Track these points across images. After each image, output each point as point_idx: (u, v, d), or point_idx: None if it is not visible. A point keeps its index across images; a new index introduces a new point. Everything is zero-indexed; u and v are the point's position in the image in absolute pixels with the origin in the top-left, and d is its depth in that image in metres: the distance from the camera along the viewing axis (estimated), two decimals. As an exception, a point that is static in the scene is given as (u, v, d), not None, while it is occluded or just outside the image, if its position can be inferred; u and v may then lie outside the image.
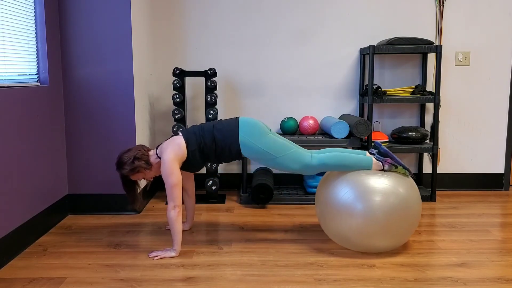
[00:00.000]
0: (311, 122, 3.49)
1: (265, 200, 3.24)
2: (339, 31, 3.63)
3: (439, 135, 3.73)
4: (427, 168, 3.76)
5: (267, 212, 3.20)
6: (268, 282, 2.11)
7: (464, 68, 3.67)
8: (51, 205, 2.84)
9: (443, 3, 3.58)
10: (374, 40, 3.64)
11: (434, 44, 3.35)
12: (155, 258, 2.37)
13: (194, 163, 2.50)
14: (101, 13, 2.96)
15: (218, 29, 3.63)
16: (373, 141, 3.41)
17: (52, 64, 2.87)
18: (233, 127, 2.46)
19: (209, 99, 3.31)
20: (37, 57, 2.80)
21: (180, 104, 3.35)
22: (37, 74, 2.80)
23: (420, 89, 3.44)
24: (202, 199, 3.45)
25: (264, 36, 3.64)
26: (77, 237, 2.69)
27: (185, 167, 2.52)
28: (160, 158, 2.47)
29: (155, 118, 3.72)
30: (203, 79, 3.69)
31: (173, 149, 2.41)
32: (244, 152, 2.46)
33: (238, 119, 2.50)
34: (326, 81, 3.68)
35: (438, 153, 3.61)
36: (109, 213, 3.12)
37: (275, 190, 3.56)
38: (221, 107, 3.71)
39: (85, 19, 2.96)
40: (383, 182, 2.32)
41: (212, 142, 2.46)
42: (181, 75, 3.37)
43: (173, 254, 2.39)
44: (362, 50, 3.60)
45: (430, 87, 3.68)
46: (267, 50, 3.65)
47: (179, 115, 3.32)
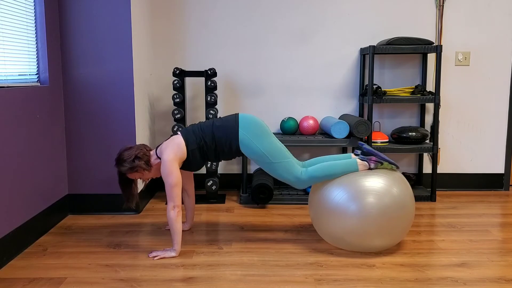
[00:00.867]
0: (311, 122, 3.49)
1: (265, 200, 3.24)
2: (339, 31, 3.63)
3: (439, 135, 3.73)
4: (427, 168, 3.76)
5: (267, 212, 3.20)
6: (268, 282, 2.11)
7: (464, 68, 3.67)
8: (51, 205, 2.84)
9: (443, 3, 3.58)
10: (374, 40, 3.64)
11: (434, 44, 3.35)
12: (155, 258, 2.37)
13: (194, 162, 2.50)
14: (101, 13, 2.96)
15: (218, 29, 3.63)
16: (373, 141, 3.41)
17: (52, 64, 2.87)
18: (232, 123, 2.46)
19: (209, 99, 3.31)
20: (37, 57, 2.80)
21: (180, 104, 3.35)
22: (37, 74, 2.80)
23: (420, 89, 3.44)
24: (202, 199, 3.45)
25: (264, 36, 3.64)
26: (77, 237, 2.69)
27: (185, 167, 2.52)
28: (160, 158, 2.47)
29: (155, 118, 3.72)
30: (203, 79, 3.69)
31: (173, 149, 2.41)
32: (243, 150, 2.46)
33: (237, 115, 2.50)
34: (326, 81, 3.68)
35: (438, 153, 3.61)
36: (109, 213, 3.12)
37: (275, 190, 3.56)
38: (221, 107, 3.71)
39: (85, 19, 2.96)
40: (377, 182, 2.33)
41: (211, 140, 2.46)
42: (181, 75, 3.37)
43: (173, 254, 2.39)
44: (362, 50, 3.60)
45: (430, 87, 3.68)
46: (267, 50, 3.65)
47: (179, 115, 3.32)
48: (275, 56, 3.66)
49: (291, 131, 3.52)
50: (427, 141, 3.58)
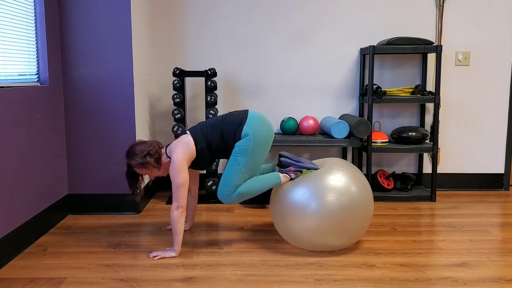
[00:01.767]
0: (311, 122, 3.49)
1: (265, 200, 3.24)
2: (339, 31, 3.63)
3: (439, 135, 3.73)
4: (427, 168, 3.76)
5: (267, 212, 3.20)
6: (268, 282, 2.11)
7: (464, 68, 3.67)
8: (51, 205, 2.84)
9: (443, 3, 3.58)
10: (374, 40, 3.64)
11: (434, 44, 3.35)
12: (155, 258, 2.37)
13: (203, 160, 2.50)
14: (101, 13, 2.96)
15: (218, 29, 3.63)
16: (373, 141, 3.41)
17: (52, 64, 2.87)
18: (241, 119, 2.46)
19: (209, 99, 3.31)
20: (37, 57, 2.80)
21: (180, 104, 3.35)
22: (37, 74, 2.80)
23: (420, 89, 3.44)
24: (202, 199, 3.45)
25: (264, 36, 3.64)
26: (77, 237, 2.69)
27: (194, 165, 2.52)
28: (169, 158, 2.46)
29: (155, 118, 3.72)
30: (203, 79, 3.69)
31: (182, 149, 2.41)
32: (238, 142, 2.45)
33: (247, 111, 2.51)
34: (326, 81, 3.68)
35: (438, 153, 3.61)
36: (109, 213, 3.12)
37: (275, 190, 3.56)
38: (221, 107, 3.71)
39: (85, 19, 2.96)
40: (338, 180, 2.35)
41: (220, 137, 2.46)
42: (181, 75, 3.37)
43: (173, 254, 2.39)
44: (362, 50, 3.60)
45: (430, 87, 3.68)
46: (267, 50, 3.65)
47: (179, 115, 3.32)
48: (275, 56, 3.66)
49: (291, 131, 3.52)
50: (427, 141, 3.58)
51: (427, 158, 3.77)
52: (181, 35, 3.64)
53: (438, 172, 3.74)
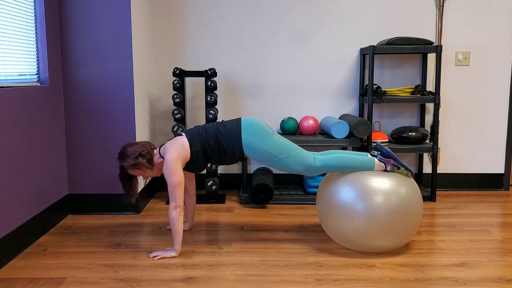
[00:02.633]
0: (311, 122, 3.49)
1: (265, 200, 3.24)
2: (339, 31, 3.63)
3: (439, 135, 3.73)
4: (427, 168, 3.76)
5: (267, 212, 3.20)
6: (268, 282, 2.11)
7: (464, 68, 3.67)
8: (51, 205, 2.84)
9: (443, 3, 3.58)
10: (374, 40, 3.64)
11: (434, 44, 3.35)
12: (155, 258, 2.37)
13: (197, 163, 2.50)
14: (101, 13, 2.96)
15: (218, 29, 3.63)
16: (373, 141, 3.41)
17: (52, 64, 2.87)
18: (235, 128, 2.46)
19: (209, 99, 3.31)
20: (37, 57, 2.80)
21: (180, 104, 3.35)
22: (37, 74, 2.80)
23: (420, 89, 3.44)
24: (202, 199, 3.45)
25: (264, 36, 3.64)
26: (77, 237, 2.69)
27: (188, 168, 2.52)
28: (163, 158, 2.46)
29: (155, 118, 3.72)
30: (203, 79, 3.69)
31: (176, 149, 2.41)
32: (247, 152, 2.46)
33: (240, 120, 2.50)
34: (326, 81, 3.68)
35: (438, 153, 3.61)
36: (109, 213, 3.12)
37: (275, 190, 3.56)
38: (221, 107, 3.71)
39: (85, 19, 2.96)
40: (385, 182, 2.32)
41: (215, 143, 2.46)
42: (181, 75, 3.37)
43: (173, 254, 2.39)
44: (362, 50, 3.60)
45: (430, 87, 3.68)
46: (267, 50, 3.65)
47: (179, 115, 3.32)
48: (275, 56, 3.66)
49: (291, 131, 3.52)
50: (427, 141, 3.58)
51: (427, 158, 3.77)
52: (181, 35, 3.64)
53: (438, 172, 3.74)
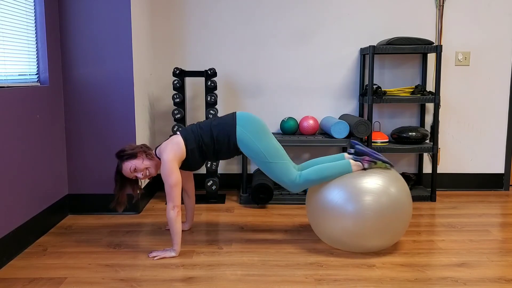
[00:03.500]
0: (311, 122, 3.49)
1: (265, 200, 3.24)
2: (339, 31, 3.63)
3: (439, 135, 3.73)
4: (427, 168, 3.76)
5: (267, 212, 3.20)
6: (268, 282, 2.11)
7: (464, 68, 3.67)
8: (51, 205, 2.84)
9: (443, 3, 3.58)
10: (374, 40, 3.64)
11: (434, 44, 3.35)
12: (155, 258, 2.37)
13: (193, 161, 2.50)
14: (101, 13, 2.96)
15: (218, 29, 3.63)
16: (373, 141, 3.41)
17: (52, 64, 2.87)
18: (230, 121, 2.46)
19: (209, 99, 3.31)
20: (37, 57, 2.80)
21: (180, 104, 3.35)
22: (37, 74, 2.80)
23: (420, 89, 3.44)
24: (202, 199, 3.45)
25: (264, 36, 3.64)
26: (77, 237, 2.69)
27: (184, 166, 2.52)
28: (159, 159, 2.47)
29: (155, 118, 3.72)
30: (203, 79, 3.69)
31: (172, 149, 2.41)
32: (240, 146, 2.46)
33: (235, 113, 2.50)
34: (326, 81, 3.68)
35: (438, 153, 3.61)
36: (109, 213, 3.12)
37: (275, 190, 3.56)
38: (221, 107, 3.71)
39: (85, 19, 2.96)
40: (374, 182, 2.32)
41: (210, 139, 2.46)
42: (181, 75, 3.37)
43: (173, 254, 2.39)
44: (362, 50, 3.60)
45: (430, 87, 3.68)
46: (267, 50, 3.65)
47: (179, 115, 3.32)
48: (275, 56, 3.66)
49: (291, 131, 3.52)
50: (427, 141, 3.58)
51: (427, 158, 3.77)
52: (181, 35, 3.64)
53: (438, 172, 3.74)
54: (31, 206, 2.60)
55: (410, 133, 3.41)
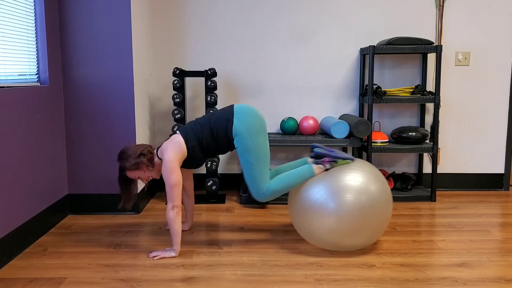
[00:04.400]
0: (311, 122, 3.49)
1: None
2: (339, 31, 3.63)
3: (439, 135, 3.73)
4: (427, 168, 3.76)
5: (267, 212, 3.20)
6: (268, 282, 2.11)
7: (464, 68, 3.67)
8: (51, 205, 2.84)
9: (443, 3, 3.58)
10: (374, 40, 3.64)
11: (434, 44, 3.35)
12: (155, 258, 2.37)
13: (195, 159, 2.50)
14: (101, 13, 2.96)
15: (218, 29, 3.63)
16: (373, 141, 3.41)
17: (52, 64, 2.87)
18: (228, 114, 2.46)
19: (209, 99, 3.31)
20: (37, 57, 2.80)
21: (180, 104, 3.35)
22: (37, 74, 2.80)
23: (420, 89, 3.44)
24: (202, 199, 3.45)
25: (264, 36, 3.64)
26: (77, 237, 2.69)
27: (186, 164, 2.52)
28: (161, 159, 2.46)
29: (155, 118, 3.72)
30: (203, 79, 3.69)
31: (174, 148, 2.41)
32: (234, 138, 2.44)
33: (232, 105, 2.50)
34: (326, 81, 3.68)
35: (438, 153, 3.61)
36: (109, 213, 3.12)
37: (275, 190, 3.56)
38: (221, 107, 3.71)
39: (85, 19, 2.96)
40: (355, 179, 2.33)
41: (209, 133, 2.46)
42: (181, 75, 3.37)
43: (173, 254, 2.39)
44: (362, 50, 3.60)
45: (430, 87, 3.68)
46: (267, 50, 3.65)
47: (179, 115, 3.32)
48: (275, 56, 3.66)
49: (291, 131, 3.52)
50: (427, 141, 3.58)
51: (427, 158, 3.77)
52: (181, 35, 3.64)
53: (438, 172, 3.74)
54: (31, 206, 2.60)
55: (410, 133, 3.41)
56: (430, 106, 3.70)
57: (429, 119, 3.71)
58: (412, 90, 3.45)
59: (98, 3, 2.95)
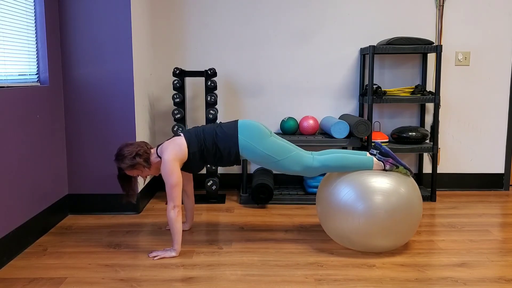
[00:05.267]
0: (311, 122, 3.49)
1: (265, 200, 3.24)
2: (339, 31, 3.63)
3: (439, 135, 3.73)
4: (427, 168, 3.76)
5: (267, 212, 3.20)
6: (268, 282, 2.11)
7: (464, 68, 3.67)
8: (51, 205, 2.84)
9: (443, 3, 3.58)
10: (374, 40, 3.64)
11: (434, 44, 3.35)
12: (155, 258, 2.37)
13: (194, 164, 2.50)
14: (101, 13, 2.96)
15: (218, 29, 3.63)
16: (373, 141, 3.41)
17: (52, 64, 2.87)
18: (232, 131, 2.46)
19: (209, 99, 3.31)
20: (37, 57, 2.80)
21: (180, 104, 3.35)
22: (37, 74, 2.80)
23: (420, 89, 3.44)
24: (202, 199, 3.45)
25: (264, 36, 3.64)
26: (77, 237, 2.69)
27: (185, 168, 2.52)
28: (160, 157, 2.47)
29: (155, 118, 3.72)
30: (203, 79, 3.69)
31: (174, 149, 2.41)
32: (245, 155, 2.46)
33: (237, 122, 2.50)
34: (326, 81, 3.68)
35: (438, 153, 3.61)
36: (109, 213, 3.12)
37: (275, 190, 3.56)
38: (221, 107, 3.71)
39: (85, 19, 2.96)
40: (385, 181, 2.32)
41: (212, 146, 2.46)
42: (181, 75, 3.37)
43: (173, 254, 2.39)
44: (362, 50, 3.60)
45: (430, 87, 3.68)
46: (267, 50, 3.65)
47: (179, 115, 3.32)
48: (275, 56, 3.66)
49: (291, 131, 3.52)
50: (427, 141, 3.58)
51: (427, 158, 3.77)
52: (181, 35, 3.64)
53: (438, 172, 3.74)
54: (31, 206, 2.60)
55: (410, 133, 3.41)
56: (430, 106, 3.70)
57: (429, 119, 3.71)
58: (412, 90, 3.45)
59: (98, 3, 2.95)
